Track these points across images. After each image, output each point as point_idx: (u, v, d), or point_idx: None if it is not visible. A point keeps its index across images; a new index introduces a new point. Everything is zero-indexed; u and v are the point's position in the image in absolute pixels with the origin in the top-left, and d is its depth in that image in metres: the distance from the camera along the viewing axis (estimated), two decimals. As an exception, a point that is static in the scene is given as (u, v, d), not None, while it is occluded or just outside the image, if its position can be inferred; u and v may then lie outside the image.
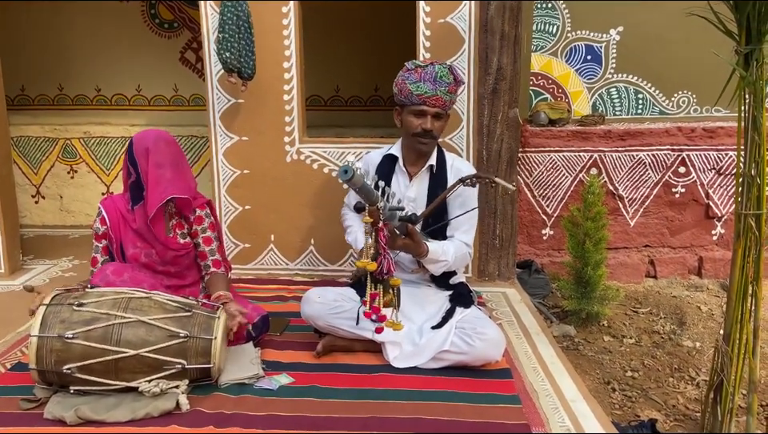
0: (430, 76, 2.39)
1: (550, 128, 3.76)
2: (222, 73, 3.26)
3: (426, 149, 2.48)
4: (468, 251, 2.52)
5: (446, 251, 2.40)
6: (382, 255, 1.95)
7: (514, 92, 3.26)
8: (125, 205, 2.45)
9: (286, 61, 3.30)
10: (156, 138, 2.41)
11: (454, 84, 2.42)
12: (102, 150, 4.78)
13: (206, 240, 2.54)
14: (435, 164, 2.54)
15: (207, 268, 2.55)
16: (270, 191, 3.45)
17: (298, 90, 3.34)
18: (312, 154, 3.42)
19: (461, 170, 2.54)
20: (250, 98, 3.33)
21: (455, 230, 2.51)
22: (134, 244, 2.43)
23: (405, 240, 2.23)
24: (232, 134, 3.41)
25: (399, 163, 2.56)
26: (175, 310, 2.13)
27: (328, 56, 4.83)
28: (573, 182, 3.79)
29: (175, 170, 2.42)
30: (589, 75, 3.98)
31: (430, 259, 2.36)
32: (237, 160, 3.44)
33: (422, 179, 2.55)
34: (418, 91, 2.38)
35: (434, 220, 2.47)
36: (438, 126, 2.44)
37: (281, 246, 3.51)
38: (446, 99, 2.40)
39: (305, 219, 3.47)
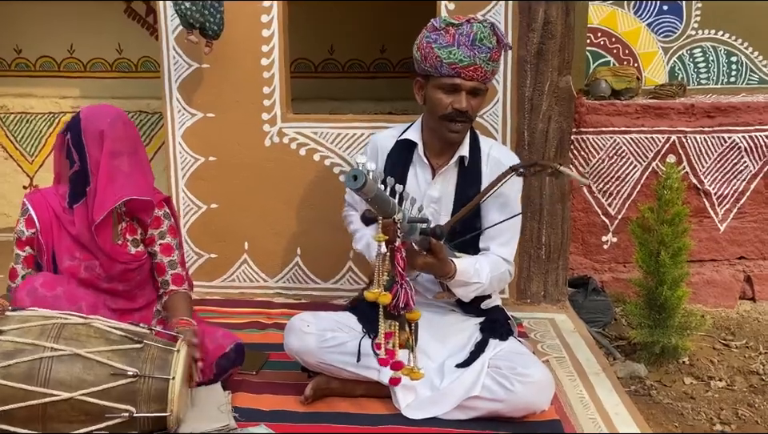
0: (467, 39, 2.36)
1: (614, 101, 3.75)
2: (180, 29, 3.28)
3: (457, 137, 2.48)
4: (508, 268, 2.53)
5: (480, 271, 2.41)
6: (399, 284, 1.97)
7: (565, 54, 3.26)
8: (59, 202, 2.47)
9: (265, 13, 3.32)
10: (114, 119, 2.43)
11: (498, 48, 2.40)
12: (24, 130, 4.82)
13: (165, 249, 2.56)
14: (468, 155, 2.54)
15: (166, 286, 2.57)
16: (244, 185, 3.46)
17: (281, 51, 3.36)
18: (298, 135, 3.44)
19: (500, 162, 2.54)
20: (217, 62, 3.35)
21: (491, 240, 2.51)
22: (70, 254, 2.45)
23: (427, 259, 2.24)
24: (194, 109, 3.44)
25: (419, 152, 2.57)
26: (121, 340, 2.16)
27: (319, 7, 4.84)
28: (643, 174, 3.79)
29: (133, 161, 2.44)
30: (665, 31, 3.97)
31: (459, 282, 2.37)
32: (200, 144, 3.45)
33: (449, 174, 2.56)
34: (451, 59, 2.36)
35: (463, 228, 2.48)
36: (475, 104, 2.44)
37: (258, 256, 3.52)
38: (487, 69, 2.39)
39: (289, 221, 3.48)
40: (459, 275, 2.34)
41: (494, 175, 2.51)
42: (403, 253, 1.99)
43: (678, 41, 3.98)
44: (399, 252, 1.98)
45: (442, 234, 2.12)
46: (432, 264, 2.26)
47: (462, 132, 2.47)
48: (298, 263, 3.53)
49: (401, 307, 2.00)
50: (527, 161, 2.38)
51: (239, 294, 3.54)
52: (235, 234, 3.51)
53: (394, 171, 2.51)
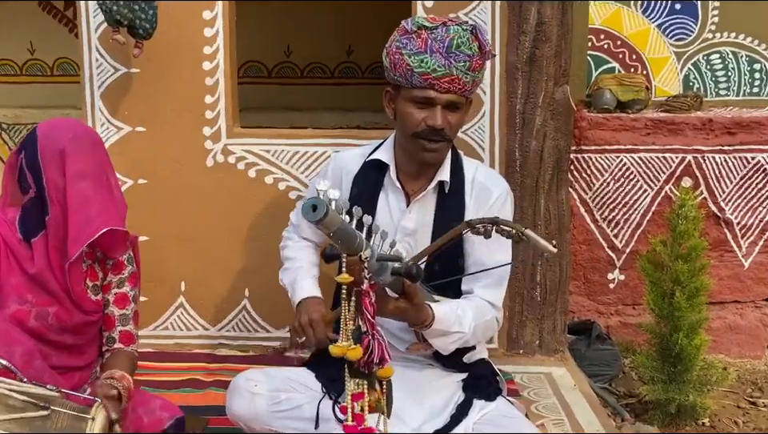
0: (442, 45, 2.33)
1: (620, 115, 3.77)
2: (105, 27, 3.25)
3: (433, 157, 2.46)
4: (495, 315, 2.51)
5: (462, 318, 2.37)
6: (370, 335, 1.92)
7: (561, 60, 3.27)
8: (11, 231, 2.39)
9: (208, 9, 3.31)
10: (77, 136, 2.38)
11: (480, 56, 2.38)
12: None
13: (120, 299, 2.51)
14: (449, 180, 2.52)
15: (111, 343, 2.51)
16: (180, 214, 3.43)
17: (227, 53, 3.35)
18: (247, 154, 3.41)
19: (487, 188, 2.53)
20: (149, 66, 3.33)
21: (476, 281, 2.49)
22: (20, 296, 2.36)
23: (399, 303, 2.19)
24: (120, 122, 3.40)
25: (391, 175, 2.55)
26: (24, 407, 2.08)
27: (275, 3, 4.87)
28: (655, 200, 3.81)
29: (105, 186, 2.40)
30: (678, 34, 4.01)
31: (437, 331, 2.33)
32: (127, 164, 3.42)
33: (427, 202, 2.54)
34: (423, 68, 2.34)
35: (443, 266, 2.46)
36: (454, 120, 2.42)
37: (197, 300, 3.50)
38: (466, 80, 2.36)
39: (235, 257, 3.46)
40: (437, 323, 2.30)
41: (480, 203, 2.50)
42: (372, 297, 1.93)
43: (692, 45, 4.02)
44: (367, 296, 1.91)
45: (418, 274, 2.07)
46: (405, 310, 2.21)
47: (440, 152, 2.45)
48: (246, 307, 3.50)
49: (374, 363, 1.93)
50: (485, 219, 2.35)
51: (174, 345, 3.50)
52: (170, 272, 3.47)
53: (361, 199, 2.47)
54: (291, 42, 5.04)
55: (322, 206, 1.68)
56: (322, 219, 1.69)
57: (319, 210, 1.68)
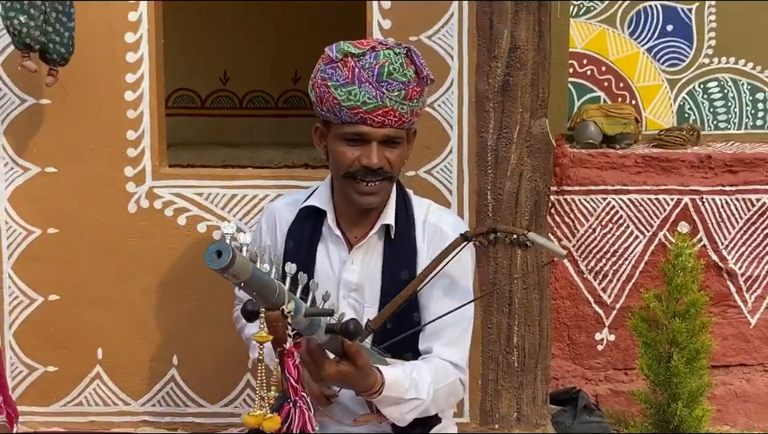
0: (371, 73, 2.33)
1: (606, 151, 3.81)
2: (11, 50, 3.27)
3: (370, 201, 2.44)
4: (459, 376, 2.48)
5: (418, 382, 2.33)
6: (291, 401, 1.91)
7: (539, 89, 3.32)
8: None
9: (131, 30, 3.34)
10: None
11: (416, 82, 2.38)
12: None
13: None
14: (394, 223, 2.52)
15: None
16: (97, 268, 3.43)
17: (154, 81, 3.37)
18: (176, 198, 3.43)
19: (441, 231, 2.53)
20: (63, 96, 3.34)
21: (434, 339, 2.47)
22: None
23: (340, 367, 2.12)
24: (27, 161, 3.41)
25: (329, 223, 2.54)
26: None
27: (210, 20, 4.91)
28: (647, 248, 3.84)
29: None
30: (670, 59, 4.08)
31: (389, 399, 2.27)
32: (35, 210, 3.42)
33: (371, 251, 2.53)
34: (352, 102, 2.32)
35: (394, 323, 2.44)
36: (394, 157, 2.41)
37: (116, 369, 3.47)
38: (404, 112, 2.36)
39: (161, 318, 3.46)
40: (388, 389, 2.24)
41: (435, 248, 2.49)
42: (296, 359, 1.91)
43: (687, 71, 4.10)
44: (290, 357, 1.89)
45: (356, 331, 2.01)
46: (348, 374, 2.13)
47: (379, 195, 2.43)
48: (175, 377, 3.48)
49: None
50: (483, 227, 2.36)
51: (89, 423, 3.46)
52: (84, 337, 3.45)
53: (298, 252, 2.47)
54: (228, 68, 5.08)
55: (227, 251, 1.60)
56: (228, 266, 1.62)
57: (224, 256, 1.61)
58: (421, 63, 2.38)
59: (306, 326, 1.94)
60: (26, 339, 3.46)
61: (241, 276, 1.69)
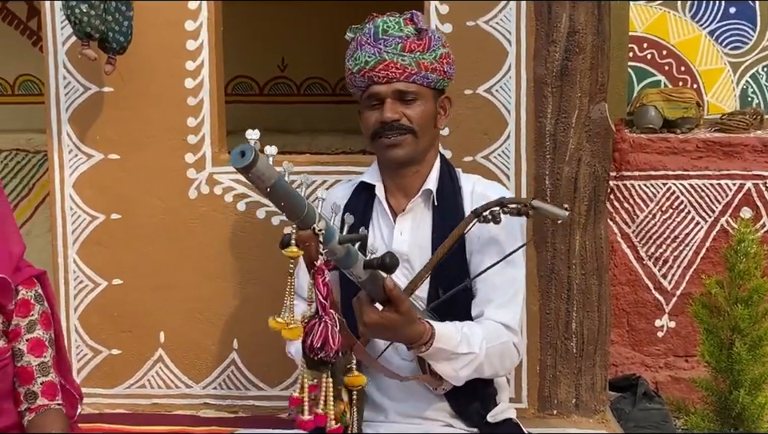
0: (369, 35, 2.49)
1: (667, 135, 3.78)
2: (74, 40, 3.28)
3: (397, 154, 2.50)
4: (512, 339, 2.46)
5: (470, 337, 2.33)
6: (318, 317, 1.86)
7: (598, 73, 3.28)
8: None
9: (191, 18, 3.34)
10: None
11: (416, 37, 2.48)
12: None
13: (35, 346, 2.46)
14: (436, 188, 2.56)
15: (32, 400, 2.46)
16: (160, 253, 3.45)
17: (213, 69, 3.38)
18: (235, 184, 3.43)
19: (488, 199, 2.51)
20: (124, 85, 3.36)
21: (486, 303, 2.48)
22: None
23: (384, 313, 2.12)
24: (90, 148, 3.44)
25: (378, 195, 2.60)
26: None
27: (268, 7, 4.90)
28: (709, 234, 3.80)
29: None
30: (733, 42, 4.02)
31: (441, 352, 2.26)
32: (99, 196, 3.45)
33: (419, 217, 2.57)
34: (359, 65, 2.49)
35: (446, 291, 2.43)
36: (413, 113, 2.49)
37: (178, 353, 3.50)
38: (406, 64, 2.46)
39: (222, 303, 3.47)
40: (439, 341, 2.23)
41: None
42: (326, 277, 1.89)
43: (750, 54, 4.05)
44: (320, 275, 1.87)
45: (392, 264, 1.99)
46: (392, 321, 2.12)
47: (403, 147, 2.50)
48: (235, 361, 3.49)
49: (316, 349, 1.86)
50: (489, 203, 2.39)
51: (152, 405, 3.50)
52: (147, 321, 3.48)
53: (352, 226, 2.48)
54: (286, 55, 5.10)
55: (250, 151, 1.62)
56: (251, 165, 1.63)
57: (247, 155, 1.62)
58: (419, 21, 2.52)
59: (343, 256, 1.92)
60: (90, 322, 3.50)
61: (266, 181, 1.69)
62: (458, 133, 3.25)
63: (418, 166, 2.55)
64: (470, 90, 3.22)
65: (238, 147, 1.64)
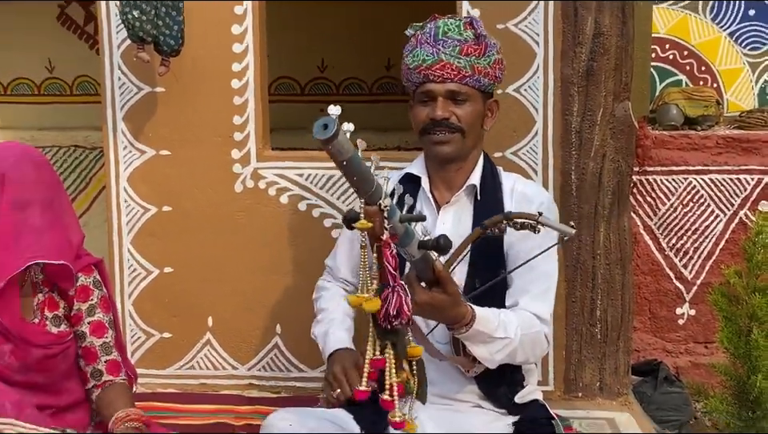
0: (429, 35, 2.52)
1: (688, 132, 3.78)
2: (128, 43, 3.34)
3: (444, 151, 2.54)
4: (543, 329, 2.50)
5: (507, 323, 2.36)
6: (391, 287, 1.95)
7: (622, 73, 3.29)
8: None
9: (237, 23, 3.39)
10: (19, 161, 2.44)
11: (474, 42, 2.51)
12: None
13: (96, 328, 2.54)
14: (479, 183, 2.59)
15: (98, 377, 2.54)
16: (208, 243, 3.49)
17: (258, 70, 3.41)
18: (279, 178, 3.48)
19: (527, 197, 2.59)
20: (175, 85, 3.41)
21: (520, 294, 2.51)
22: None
23: (433, 293, 2.16)
24: (144, 145, 3.49)
25: (424, 186, 2.63)
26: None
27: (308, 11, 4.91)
28: (728, 226, 3.81)
29: (48, 214, 2.44)
30: (752, 43, 4.05)
31: (479, 334, 2.30)
32: (151, 190, 3.50)
33: (461, 210, 2.60)
34: (416, 62, 2.52)
35: (483, 282, 2.47)
36: (463, 112, 2.52)
37: (224, 337, 3.54)
38: (462, 66, 2.48)
39: (266, 290, 3.50)
40: (479, 323, 2.27)
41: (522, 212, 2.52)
42: (393, 249, 1.92)
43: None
44: (388, 248, 1.91)
45: (446, 245, 2.02)
46: (440, 301, 2.16)
47: (451, 144, 2.53)
48: (278, 344, 3.53)
49: (392, 316, 1.92)
50: (495, 218, 2.39)
51: (200, 385, 3.54)
52: (196, 307, 3.53)
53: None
54: (326, 57, 5.11)
55: (333, 124, 1.67)
56: (332, 138, 1.67)
57: (329, 128, 1.66)
58: (479, 27, 2.53)
59: (402, 234, 1.97)
60: (143, 307, 3.56)
61: (342, 154, 1.73)
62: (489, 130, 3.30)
63: (463, 163, 2.59)
64: (501, 89, 3.18)
65: (321, 120, 1.67)
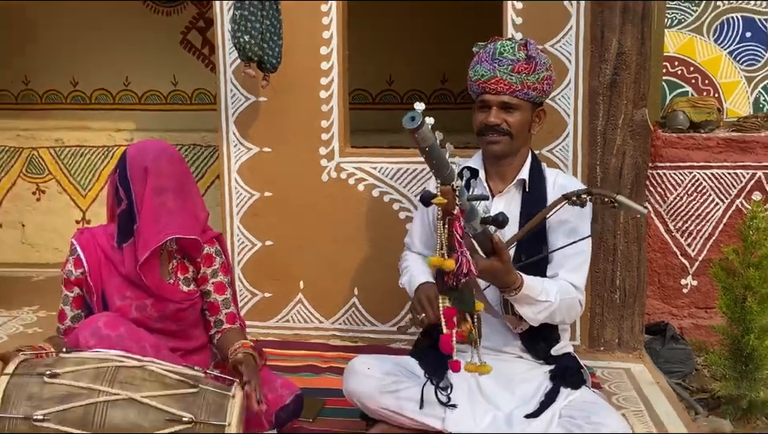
0: (488, 54, 2.51)
1: (693, 134, 3.72)
2: (237, 62, 3.38)
3: (495, 150, 2.55)
4: (578, 297, 2.51)
5: (548, 289, 2.39)
6: (459, 252, 1.95)
7: (640, 85, 3.26)
8: (108, 241, 2.52)
9: (324, 45, 3.41)
10: (158, 155, 2.49)
11: (525, 62, 2.48)
12: (78, 164, 5.01)
13: (218, 287, 2.60)
14: (528, 178, 2.58)
15: (219, 325, 2.61)
16: (300, 222, 3.53)
17: (340, 83, 3.44)
18: (357, 170, 3.49)
19: (567, 189, 2.57)
20: (275, 95, 3.44)
21: (560, 267, 2.52)
22: (121, 294, 2.50)
23: (491, 262, 2.20)
24: (250, 143, 3.53)
25: (480, 177, 2.63)
26: (176, 384, 2.19)
27: (378, 36, 4.92)
28: (726, 212, 3.73)
29: (181, 198, 2.49)
30: (748, 60, 3.94)
31: (525, 297, 2.34)
32: (256, 179, 3.54)
33: (511, 199, 2.60)
34: (476, 76, 2.52)
35: (528, 256, 2.49)
36: (512, 120, 2.51)
37: (313, 297, 3.58)
38: (513, 82, 2.47)
39: (346, 260, 3.53)
40: (526, 288, 2.31)
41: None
42: (462, 221, 1.96)
43: (762, 70, 3.95)
44: (458, 220, 1.94)
45: (504, 220, 2.06)
46: (496, 268, 2.21)
47: (501, 145, 2.53)
48: (356, 304, 3.56)
49: (462, 274, 1.94)
50: (580, 190, 2.40)
51: (294, 335, 3.59)
52: (290, 272, 3.56)
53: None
54: (393, 73, 5.14)
55: (419, 117, 1.70)
56: (418, 128, 1.70)
57: (416, 120, 1.69)
58: (532, 50, 2.49)
59: (468, 211, 1.98)
60: (249, 272, 3.61)
61: (425, 141, 1.75)
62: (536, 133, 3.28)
63: (513, 159, 2.58)
64: None
65: (409, 113, 1.70)
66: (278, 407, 2.49)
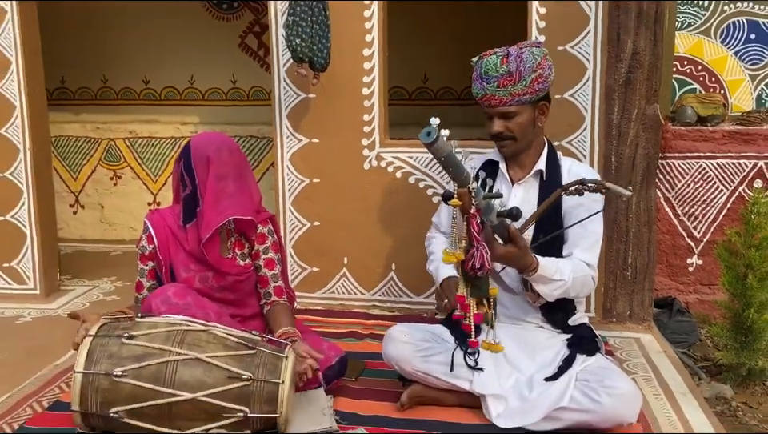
0: (477, 73, 2.46)
1: (700, 127, 3.65)
2: (290, 63, 3.38)
3: (505, 151, 2.55)
4: (591, 273, 2.48)
5: (563, 269, 2.37)
6: (475, 247, 1.94)
7: (652, 83, 3.21)
8: (175, 221, 2.58)
9: (367, 47, 3.40)
10: (219, 146, 2.52)
11: (507, 76, 2.39)
12: (149, 153, 5.08)
13: (268, 263, 2.63)
14: (545, 168, 2.55)
15: (268, 297, 2.64)
16: (344, 205, 3.53)
17: (381, 82, 3.43)
18: (395, 160, 3.48)
19: (580, 176, 2.52)
20: (323, 92, 3.44)
21: (574, 246, 2.49)
22: (186, 267, 2.56)
23: (508, 248, 2.19)
24: (300, 135, 3.54)
25: (501, 168, 2.61)
26: (237, 346, 2.22)
27: (413, 38, 4.89)
28: (730, 198, 3.67)
29: (238, 183, 2.53)
30: (752, 59, 3.86)
31: (541, 277, 2.33)
32: (306, 167, 3.55)
33: (529, 187, 2.58)
34: (473, 92, 2.50)
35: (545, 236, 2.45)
36: (513, 124, 2.47)
37: (355, 271, 3.59)
38: (502, 95, 2.41)
39: (384, 239, 3.53)
40: (542, 269, 2.29)
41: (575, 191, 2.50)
42: (478, 219, 1.97)
43: (765, 69, 3.88)
44: (474, 218, 1.96)
45: (518, 213, 2.07)
46: (513, 254, 2.20)
47: (509, 148, 2.52)
48: (393, 278, 3.56)
49: (477, 268, 1.96)
50: (574, 181, 2.38)
51: (338, 305, 3.60)
52: (335, 250, 3.57)
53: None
54: (427, 72, 5.09)
55: (434, 132, 1.70)
56: (434, 142, 1.70)
57: (432, 134, 1.70)
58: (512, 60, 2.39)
59: (485, 207, 1.98)
60: (299, 249, 3.62)
61: (441, 152, 1.76)
62: (551, 124, 3.14)
63: (528, 151, 2.55)
64: (559, 95, 3.17)
65: (425, 129, 1.71)
66: (325, 367, 2.52)
